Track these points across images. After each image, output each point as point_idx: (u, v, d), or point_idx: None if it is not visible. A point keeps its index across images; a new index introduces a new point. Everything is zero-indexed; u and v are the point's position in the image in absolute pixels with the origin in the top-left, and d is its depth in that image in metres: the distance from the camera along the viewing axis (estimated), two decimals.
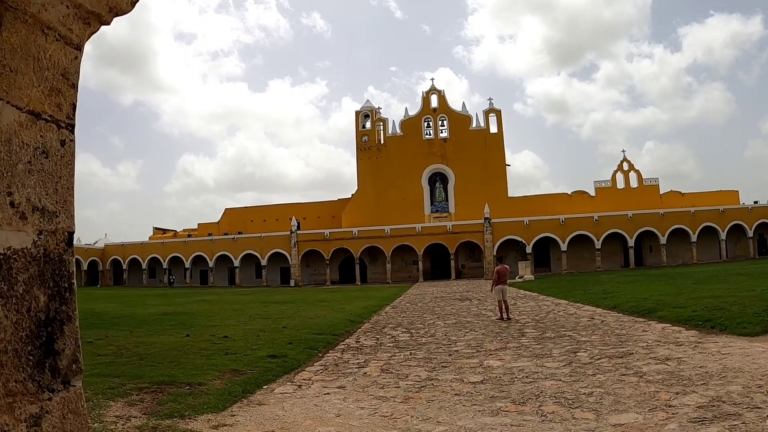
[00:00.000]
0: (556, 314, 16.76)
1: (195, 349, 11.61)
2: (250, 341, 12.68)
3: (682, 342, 10.03)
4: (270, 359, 10.16)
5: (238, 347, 11.71)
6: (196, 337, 13.73)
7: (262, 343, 12.36)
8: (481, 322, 15.63)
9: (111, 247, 70.02)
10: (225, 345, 12.14)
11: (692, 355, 8.61)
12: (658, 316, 14.17)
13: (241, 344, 12.20)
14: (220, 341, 12.85)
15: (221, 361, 9.96)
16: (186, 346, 11.99)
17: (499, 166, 65.56)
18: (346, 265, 61.82)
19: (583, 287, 28.34)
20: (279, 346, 11.80)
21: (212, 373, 8.83)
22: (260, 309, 23.42)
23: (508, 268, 17.18)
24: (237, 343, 12.47)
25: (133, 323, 18.17)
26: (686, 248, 54.12)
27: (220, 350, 11.35)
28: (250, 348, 11.59)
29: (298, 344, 12.00)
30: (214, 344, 12.37)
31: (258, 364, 9.69)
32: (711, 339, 10.21)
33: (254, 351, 11.13)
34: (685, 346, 9.48)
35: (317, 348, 11.76)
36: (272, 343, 12.17)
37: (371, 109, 70.59)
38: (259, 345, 11.97)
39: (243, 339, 13.12)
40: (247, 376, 8.76)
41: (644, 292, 21.53)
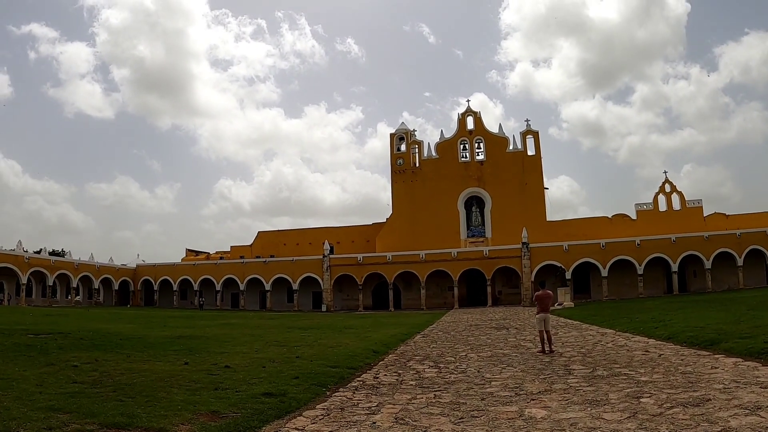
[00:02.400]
0: (605, 346, 14.71)
1: (185, 380, 10.08)
2: (252, 373, 11.05)
3: (766, 383, 8.03)
4: (265, 398, 8.53)
5: (234, 381, 10.12)
6: (195, 366, 12.21)
7: (264, 376, 10.72)
8: (520, 355, 13.69)
9: (143, 268, 69.53)
10: (221, 377, 10.57)
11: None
12: (724, 348, 12.15)
13: (241, 376, 10.61)
14: (218, 372, 11.28)
15: (205, 399, 8.36)
16: (176, 377, 10.48)
17: (537, 189, 63.43)
18: (379, 290, 60.03)
19: (628, 315, 26.09)
20: (282, 380, 10.13)
21: (184, 415, 7.24)
22: (280, 335, 21.78)
23: (551, 294, 15.20)
24: (236, 374, 10.88)
25: (138, 346, 16.71)
26: (732, 272, 50.86)
27: (212, 383, 9.78)
28: (248, 382, 9.96)
29: (306, 379, 10.29)
30: (210, 375, 10.81)
31: (247, 404, 8.04)
32: None
33: (251, 386, 9.48)
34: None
35: (326, 385, 10.03)
36: (276, 377, 10.51)
37: (406, 132, 69.28)
38: (260, 379, 10.34)
39: (245, 370, 11.52)
40: (227, 420, 7.13)
41: (698, 320, 19.22)
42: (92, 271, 62.27)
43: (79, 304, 60.02)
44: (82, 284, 63.41)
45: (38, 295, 60.35)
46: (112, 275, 65.08)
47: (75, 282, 60.05)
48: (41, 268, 56.09)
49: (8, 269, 52.79)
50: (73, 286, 60.06)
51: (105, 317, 34.45)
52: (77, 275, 60.09)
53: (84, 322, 27.23)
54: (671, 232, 54.60)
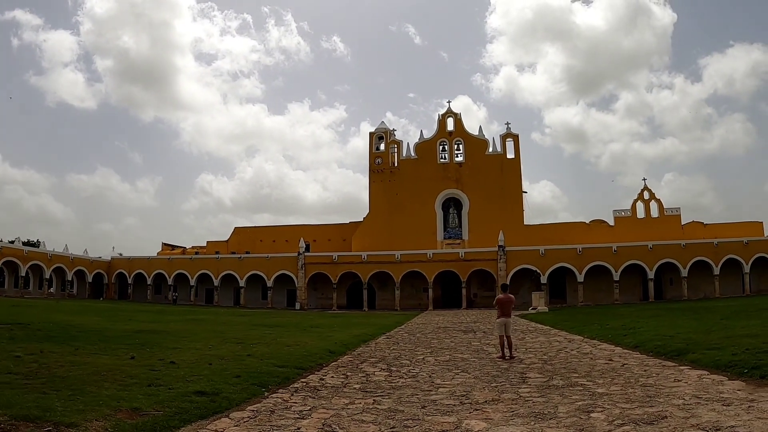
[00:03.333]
0: (569, 353, 14.34)
1: (122, 375, 9.68)
2: (195, 370, 10.62)
3: (729, 399, 7.57)
4: (196, 397, 8.10)
5: (172, 377, 9.69)
6: (140, 361, 11.81)
7: (207, 373, 10.29)
8: (478, 360, 13.28)
9: (117, 261, 68.44)
10: (161, 373, 10.14)
11: (748, 422, 6.26)
12: (691, 359, 11.69)
13: (182, 373, 10.19)
14: (161, 368, 10.84)
15: (133, 395, 7.94)
16: (115, 371, 10.07)
17: (515, 192, 63.39)
18: (354, 290, 59.58)
19: (600, 321, 25.84)
20: (222, 379, 9.71)
21: (102, 411, 6.82)
22: (242, 332, 21.26)
23: (513, 299, 14.73)
24: (178, 371, 10.45)
25: (92, 339, 16.24)
26: (708, 281, 51.18)
27: (147, 379, 9.36)
28: (186, 379, 9.52)
29: (247, 379, 9.87)
30: (151, 371, 10.38)
31: (174, 402, 7.62)
32: (766, 395, 7.82)
33: (187, 384, 9.05)
34: (735, 406, 7.08)
35: (267, 385, 9.59)
36: (218, 375, 10.09)
37: (386, 131, 68.92)
38: (200, 376, 9.90)
39: (190, 366, 11.09)
40: (146, 419, 6.71)
41: (669, 328, 18.92)
42: (66, 262, 61.17)
43: (53, 295, 59.03)
44: (56, 276, 62.39)
45: (11, 285, 59.16)
46: (86, 267, 64.02)
47: (48, 273, 58.98)
48: (13, 258, 55.03)
49: None
50: (46, 277, 58.98)
51: (73, 309, 33.73)
52: (50, 266, 59.04)
53: (48, 314, 26.57)
54: (649, 239, 54.74)
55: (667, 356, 12.72)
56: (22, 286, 57.28)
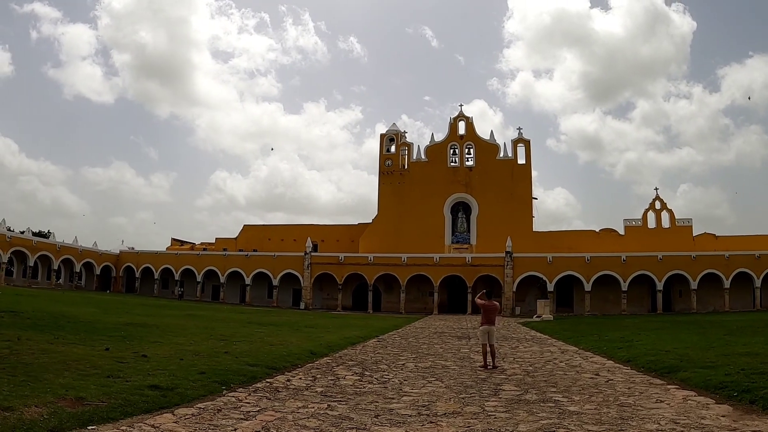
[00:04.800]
0: (556, 365, 13.90)
1: (86, 365, 9.63)
2: (163, 364, 10.49)
3: (708, 427, 6.98)
4: (149, 390, 7.98)
5: (135, 370, 9.59)
6: (113, 353, 11.76)
7: (173, 368, 10.15)
8: (459, 368, 12.93)
9: (126, 254, 68.63)
10: (127, 365, 10.04)
11: None
12: (681, 377, 11.14)
13: (147, 367, 10.10)
14: (129, 360, 10.77)
15: (87, 385, 7.90)
16: (81, 361, 10.05)
17: (525, 198, 62.65)
18: (360, 291, 59.23)
19: (600, 332, 25.26)
20: (185, 374, 9.55)
21: (46, 398, 6.81)
22: (233, 330, 21.07)
23: (497, 306, 14.33)
24: (145, 365, 10.32)
25: (77, 329, 16.26)
26: (718, 295, 49.97)
27: (109, 371, 9.29)
28: (148, 373, 9.39)
29: (212, 376, 9.69)
30: (118, 363, 10.32)
31: (124, 395, 7.51)
32: (752, 424, 7.13)
33: (146, 378, 8.93)
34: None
35: (230, 383, 9.38)
36: (183, 371, 9.93)
37: (396, 133, 68.54)
38: (164, 370, 9.76)
39: (159, 361, 10.97)
40: (87, 408, 6.65)
41: (668, 342, 18.33)
42: (74, 254, 61.40)
43: (60, 286, 59.22)
44: (65, 267, 62.59)
45: (19, 275, 59.51)
46: (95, 260, 64.23)
47: (56, 264, 59.22)
48: (22, 247, 55.31)
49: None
50: (54, 268, 59.23)
51: (74, 300, 33.76)
52: (59, 258, 59.27)
53: (46, 304, 26.58)
54: (659, 249, 53.77)
55: (657, 372, 12.20)
56: (30, 276, 57.58)
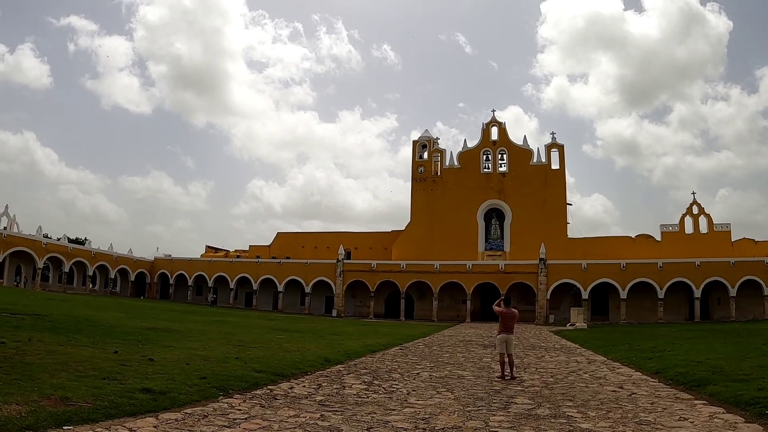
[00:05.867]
0: (579, 376, 13.19)
1: (87, 367, 9.56)
2: (166, 368, 10.30)
3: None
4: (140, 394, 7.80)
5: (135, 372, 9.50)
6: (121, 356, 11.69)
7: (174, 372, 9.97)
8: (475, 378, 12.37)
9: (160, 261, 69.59)
10: (130, 368, 9.91)
11: None
12: (710, 392, 10.24)
13: (149, 370, 9.95)
14: (134, 363, 10.65)
15: (78, 386, 7.82)
16: (84, 363, 9.98)
17: (559, 204, 61.61)
18: (392, 299, 58.90)
19: (632, 341, 24.26)
20: (184, 379, 9.34)
21: (31, 396, 6.84)
22: (253, 336, 20.85)
23: (516, 313, 13.65)
24: (146, 368, 10.16)
25: (95, 332, 16.25)
26: (758, 302, 48.07)
27: (109, 373, 9.21)
28: (147, 376, 9.22)
29: (212, 381, 9.44)
30: (121, 365, 10.18)
31: (112, 397, 7.40)
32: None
33: (142, 381, 8.75)
34: None
35: (228, 389, 9.09)
36: (183, 375, 9.73)
37: (429, 139, 68.18)
38: (165, 374, 9.59)
39: (165, 364, 10.81)
40: (70, 408, 6.59)
41: (701, 353, 17.30)
42: (109, 260, 62.47)
43: (95, 292, 60.25)
44: (100, 273, 63.67)
45: (55, 281, 60.68)
46: (129, 266, 65.32)
47: (91, 270, 60.27)
48: (58, 254, 56.44)
49: (26, 253, 53.22)
50: (89, 274, 60.29)
51: (104, 305, 34.11)
52: (94, 264, 60.35)
53: (74, 308, 26.88)
54: (696, 255, 52.16)
55: (686, 386, 11.31)
56: (65, 282, 58.67)
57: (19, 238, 53.24)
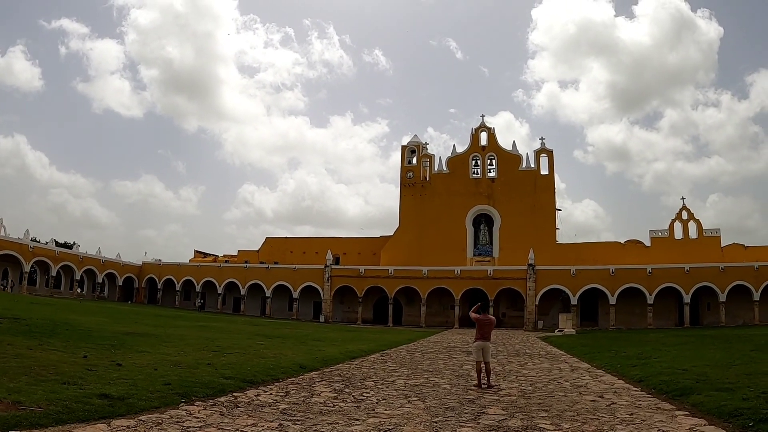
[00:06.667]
0: (559, 385, 12.90)
1: (50, 371, 9.46)
2: (132, 373, 10.09)
3: None
4: (97, 399, 7.64)
5: (98, 377, 9.37)
6: (90, 360, 11.55)
7: (139, 377, 9.76)
8: (450, 387, 12.10)
9: (148, 266, 69.00)
10: (95, 373, 9.76)
11: None
12: (693, 401, 9.98)
13: (115, 375, 9.78)
14: (101, 368, 10.46)
15: (36, 390, 7.76)
16: (49, 367, 9.90)
17: (548, 209, 61.44)
18: (381, 304, 58.51)
19: (619, 348, 24.06)
20: (148, 385, 9.11)
21: None
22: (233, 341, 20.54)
23: (493, 320, 13.32)
24: (113, 373, 9.97)
25: (71, 336, 16.10)
26: (748, 307, 47.91)
27: (71, 377, 9.09)
28: (109, 381, 9.04)
29: (175, 387, 9.23)
30: (87, 370, 10.02)
31: (67, 402, 7.26)
32: None
33: (103, 386, 8.57)
34: None
35: (192, 395, 8.89)
36: (147, 381, 9.50)
37: (418, 145, 67.99)
38: (129, 379, 9.38)
39: (132, 369, 10.62)
40: (21, 413, 6.54)
41: (688, 359, 17.12)
42: (97, 265, 61.81)
43: (82, 296, 59.62)
44: (87, 278, 63.02)
45: (42, 285, 60.04)
46: (117, 271, 64.63)
47: (79, 274, 59.61)
48: (45, 258, 55.79)
49: (13, 257, 52.63)
50: (76, 278, 59.64)
51: (89, 310, 33.65)
52: (81, 268, 59.66)
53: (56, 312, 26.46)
54: (686, 261, 51.99)
55: (669, 395, 11.05)
56: (52, 286, 58.03)
57: (6, 242, 52.58)
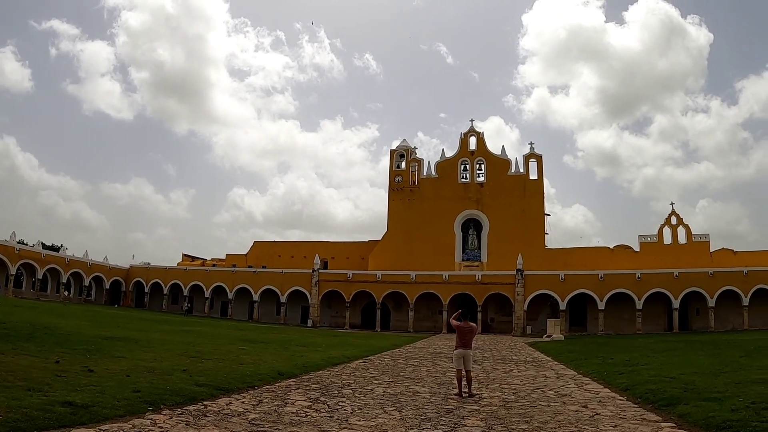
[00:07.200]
0: (543, 393, 12.55)
1: (17, 377, 9.29)
2: (102, 380, 9.85)
3: None
4: (60, 407, 7.39)
5: (68, 384, 9.13)
6: (62, 366, 11.27)
7: (108, 384, 9.52)
8: (431, 395, 11.81)
9: (135, 269, 68.40)
10: (64, 380, 9.48)
11: None
12: (680, 412, 9.60)
13: (84, 381, 9.55)
14: (71, 374, 10.21)
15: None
16: (17, 372, 9.71)
17: (537, 214, 61.42)
18: (368, 309, 58.22)
19: (607, 354, 23.75)
20: (116, 392, 8.86)
21: None
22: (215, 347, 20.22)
23: (475, 327, 12.91)
24: (83, 379, 9.74)
25: (47, 341, 15.80)
26: (737, 312, 48.07)
27: (37, 384, 8.84)
28: (76, 388, 8.78)
29: (144, 395, 8.97)
30: (56, 376, 9.77)
31: (27, 410, 7.05)
32: None
33: (69, 393, 8.31)
34: None
35: (160, 404, 8.63)
36: (116, 388, 9.25)
37: (407, 149, 67.84)
38: (97, 386, 9.12)
39: (104, 376, 10.39)
40: None
41: (676, 366, 16.78)
42: (83, 268, 61.22)
43: (69, 300, 58.98)
44: (74, 281, 62.39)
45: (29, 287, 59.39)
46: (104, 274, 64.05)
47: (65, 277, 58.98)
48: (31, 260, 55.19)
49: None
50: (62, 281, 58.99)
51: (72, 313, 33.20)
52: (68, 271, 59.07)
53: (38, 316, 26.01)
54: (675, 266, 52.14)
55: (655, 405, 10.68)
56: (38, 289, 57.40)
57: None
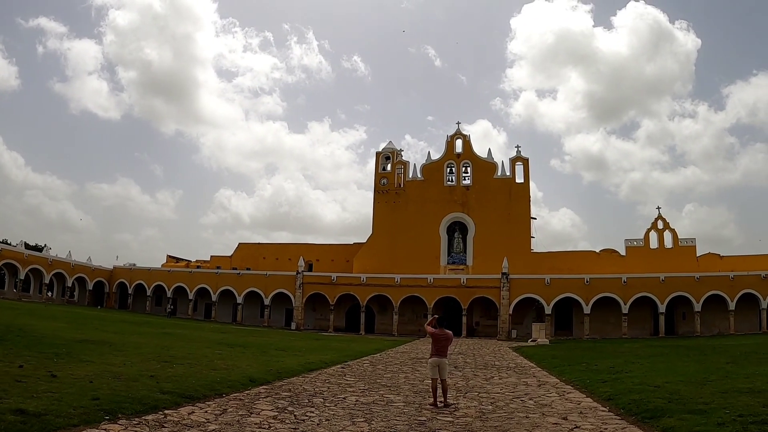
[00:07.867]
0: (523, 403, 12.17)
1: None
2: (63, 386, 9.52)
3: None
4: (10, 415, 7.12)
5: (26, 390, 8.84)
6: (26, 370, 10.98)
7: (69, 391, 9.22)
8: (405, 405, 11.49)
9: (119, 270, 67.67)
10: (25, 385, 9.25)
11: None
12: (664, 426, 9.09)
13: (43, 388, 9.26)
14: (32, 380, 9.87)
15: None
16: None
17: (523, 218, 61.37)
18: (353, 312, 57.95)
19: (591, 360, 23.35)
20: (73, 400, 8.54)
21: None
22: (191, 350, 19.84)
23: (450, 335, 12.36)
24: (42, 386, 9.41)
25: (17, 343, 15.44)
26: (723, 317, 48.17)
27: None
28: (33, 395, 8.47)
29: (104, 402, 8.66)
30: (17, 382, 9.51)
31: None
32: None
33: (27, 399, 8.08)
34: None
35: (118, 412, 8.29)
36: (74, 395, 8.92)
37: (393, 151, 67.56)
38: (56, 393, 8.83)
39: (66, 382, 10.06)
40: None
41: (661, 374, 16.30)
42: (66, 268, 60.45)
43: (51, 301, 58.20)
44: (57, 282, 61.56)
45: (11, 288, 58.52)
46: (87, 275, 63.23)
47: (48, 278, 58.19)
48: (13, 260, 54.41)
49: None
50: (45, 282, 58.19)
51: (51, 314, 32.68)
52: (50, 271, 58.30)
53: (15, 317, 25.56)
54: (661, 270, 52.17)
55: (638, 417, 10.19)
56: (21, 290, 56.59)
57: None
